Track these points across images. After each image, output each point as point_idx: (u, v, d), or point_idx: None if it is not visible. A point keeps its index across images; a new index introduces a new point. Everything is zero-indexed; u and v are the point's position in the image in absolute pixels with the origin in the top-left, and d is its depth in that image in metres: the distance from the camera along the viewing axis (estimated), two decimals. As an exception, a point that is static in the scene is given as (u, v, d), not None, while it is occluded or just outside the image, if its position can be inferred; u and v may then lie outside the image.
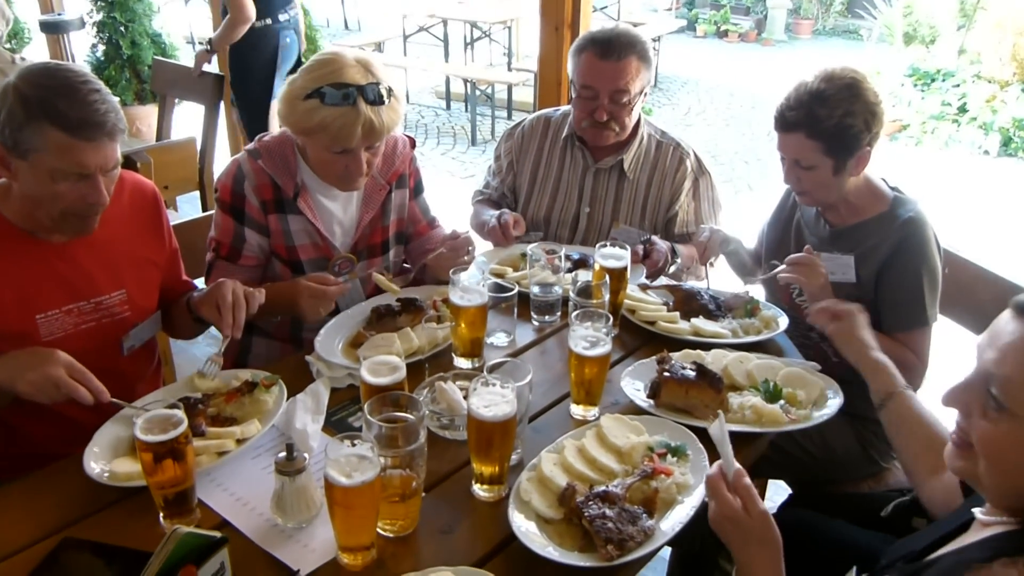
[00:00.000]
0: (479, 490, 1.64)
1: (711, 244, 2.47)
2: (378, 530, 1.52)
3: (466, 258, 2.26)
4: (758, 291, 2.53)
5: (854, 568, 1.54)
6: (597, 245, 2.24)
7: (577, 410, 1.90)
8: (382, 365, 1.72)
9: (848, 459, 2.38)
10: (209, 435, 1.71)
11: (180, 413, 1.51)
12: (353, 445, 1.41)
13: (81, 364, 1.69)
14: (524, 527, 1.50)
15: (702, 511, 1.58)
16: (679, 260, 2.63)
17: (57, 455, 1.72)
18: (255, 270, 2.29)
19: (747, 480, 1.42)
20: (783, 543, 1.40)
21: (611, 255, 2.20)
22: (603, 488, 1.55)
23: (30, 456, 1.78)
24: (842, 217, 2.35)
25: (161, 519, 1.55)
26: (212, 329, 2.08)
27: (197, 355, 1.95)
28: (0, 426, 1.91)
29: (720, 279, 2.59)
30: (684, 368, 1.88)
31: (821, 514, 2.01)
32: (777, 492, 2.84)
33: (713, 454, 1.70)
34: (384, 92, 2.06)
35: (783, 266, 2.23)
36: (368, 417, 1.48)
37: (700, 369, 1.87)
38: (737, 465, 1.43)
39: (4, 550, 1.49)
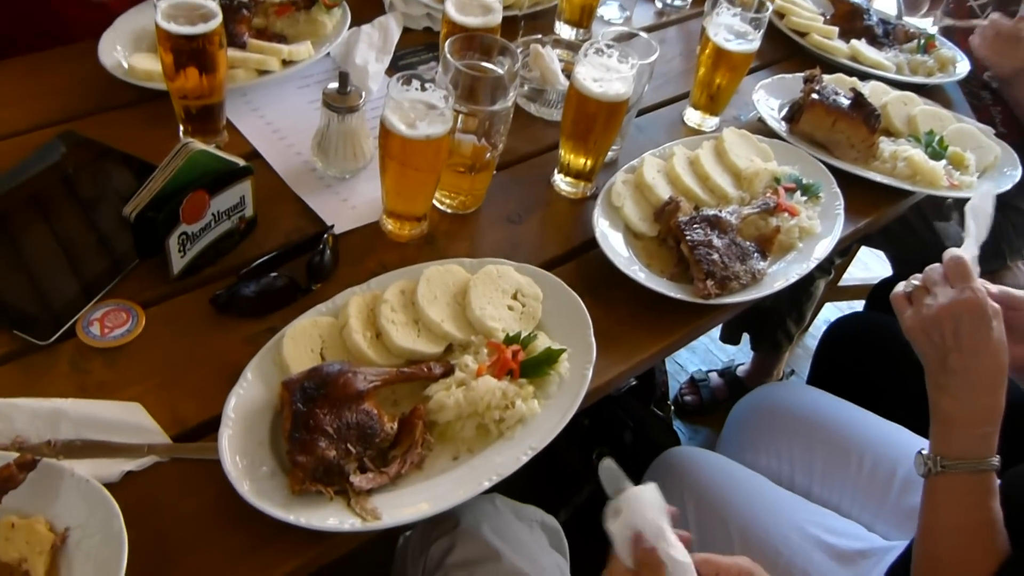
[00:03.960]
0: (562, 181, 1.35)
1: None
2: (434, 202, 1.25)
3: None
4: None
5: None
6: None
7: (694, 116, 1.56)
8: (473, 1, 1.35)
9: (972, 246, 2.03)
10: (251, 47, 1.41)
11: (214, 5, 1.18)
12: (424, 89, 1.10)
13: None
14: (609, 236, 1.23)
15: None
16: None
17: (72, 39, 1.44)
18: None
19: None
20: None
21: (778, -66, 1.73)
22: (713, 212, 1.25)
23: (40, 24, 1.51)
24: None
25: (181, 133, 1.28)
26: None
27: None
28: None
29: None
30: (838, 94, 1.50)
31: None
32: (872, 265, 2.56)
33: (860, 200, 1.42)
34: None
35: (983, 22, 1.75)
36: (448, 57, 1.14)
37: (858, 99, 1.49)
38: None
39: (-6, 130, 1.26)
